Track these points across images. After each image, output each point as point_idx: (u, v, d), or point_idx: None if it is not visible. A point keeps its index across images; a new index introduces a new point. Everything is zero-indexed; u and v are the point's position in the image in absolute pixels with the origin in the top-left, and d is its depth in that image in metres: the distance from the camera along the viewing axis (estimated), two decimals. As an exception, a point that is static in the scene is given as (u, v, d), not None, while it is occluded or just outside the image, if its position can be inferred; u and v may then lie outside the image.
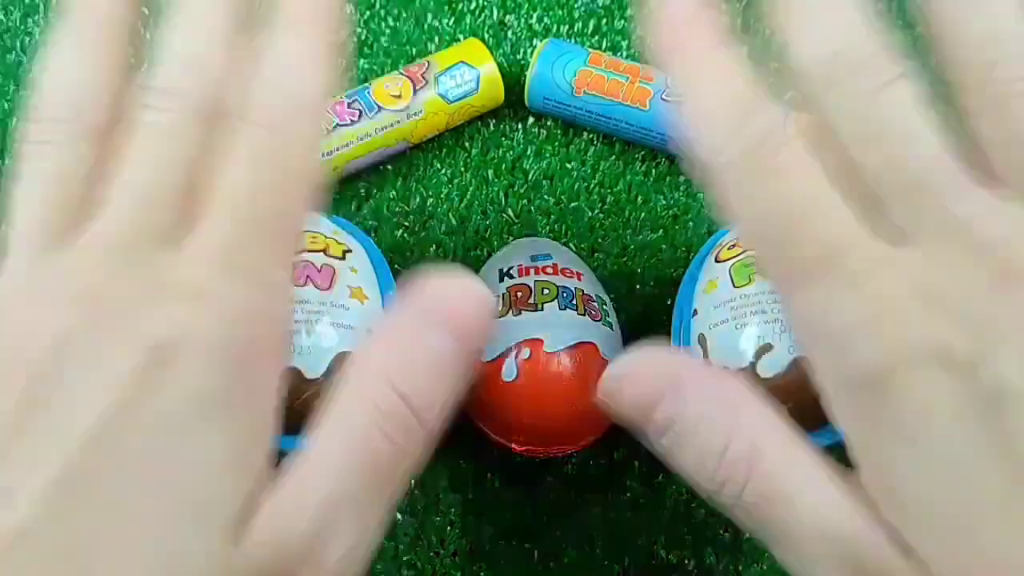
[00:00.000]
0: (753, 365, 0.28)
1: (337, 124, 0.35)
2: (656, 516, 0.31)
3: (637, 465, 0.32)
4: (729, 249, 0.31)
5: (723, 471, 0.18)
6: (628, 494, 0.31)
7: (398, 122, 0.36)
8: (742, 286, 0.29)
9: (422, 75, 0.36)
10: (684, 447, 0.18)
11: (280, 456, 0.32)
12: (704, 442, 0.18)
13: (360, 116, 0.35)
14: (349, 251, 0.31)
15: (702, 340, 0.30)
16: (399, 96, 0.36)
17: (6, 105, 0.39)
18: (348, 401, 0.17)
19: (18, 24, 0.41)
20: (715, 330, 0.29)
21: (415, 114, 0.36)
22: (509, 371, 0.28)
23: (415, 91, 0.36)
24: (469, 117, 0.38)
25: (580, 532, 0.31)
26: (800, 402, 0.28)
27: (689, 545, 0.31)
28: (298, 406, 0.28)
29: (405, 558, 0.30)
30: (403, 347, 0.17)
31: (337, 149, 0.35)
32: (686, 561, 0.30)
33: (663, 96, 0.36)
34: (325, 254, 0.30)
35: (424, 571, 0.30)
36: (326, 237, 0.31)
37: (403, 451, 0.17)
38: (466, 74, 0.37)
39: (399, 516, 0.31)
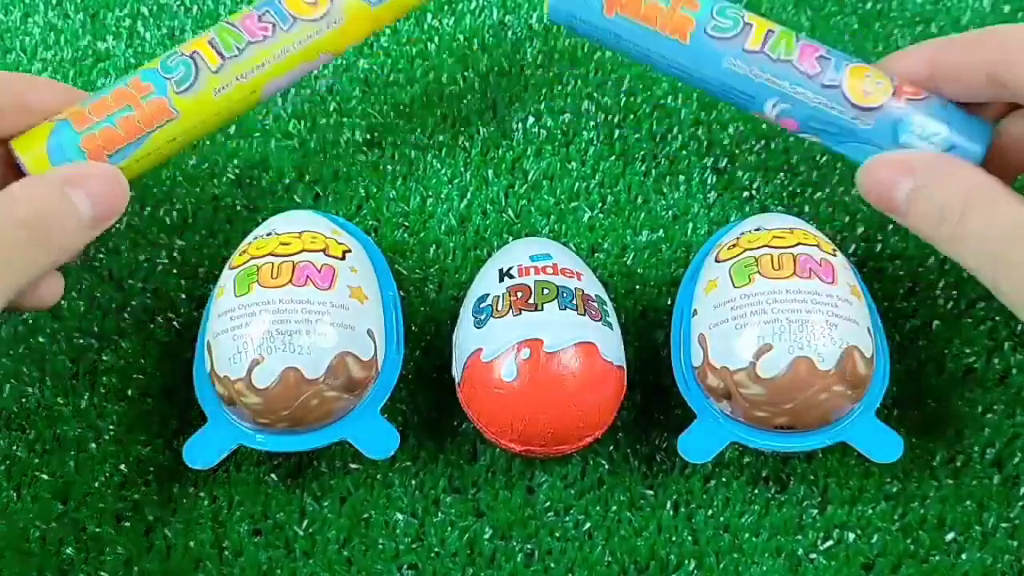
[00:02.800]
0: (753, 365, 0.28)
1: (248, 42, 0.30)
2: (656, 516, 0.31)
3: (637, 465, 0.32)
4: (729, 249, 0.31)
5: (947, 212, 0.26)
6: (628, 494, 0.31)
7: (317, 33, 0.31)
8: (742, 286, 0.29)
9: None
10: (917, 208, 0.27)
11: (286, 456, 0.32)
12: (932, 201, 0.26)
13: (273, 30, 0.30)
14: (349, 251, 0.31)
15: (702, 340, 0.30)
16: (315, 3, 0.31)
17: (6, 105, 0.39)
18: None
19: (18, 24, 0.41)
20: (715, 330, 0.29)
21: (335, 22, 0.31)
22: (509, 371, 0.28)
23: None
24: (398, 16, 0.33)
25: (580, 533, 0.31)
26: (800, 402, 0.28)
27: (689, 545, 0.31)
28: (299, 406, 0.28)
29: (405, 558, 0.30)
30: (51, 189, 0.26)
31: (253, 70, 0.30)
32: (686, 561, 0.30)
33: (707, 30, 0.30)
34: (325, 254, 0.30)
35: (424, 571, 0.30)
36: (326, 237, 0.31)
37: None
38: None
39: (399, 516, 0.31)
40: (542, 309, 0.29)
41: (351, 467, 0.32)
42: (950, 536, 0.30)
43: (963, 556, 0.30)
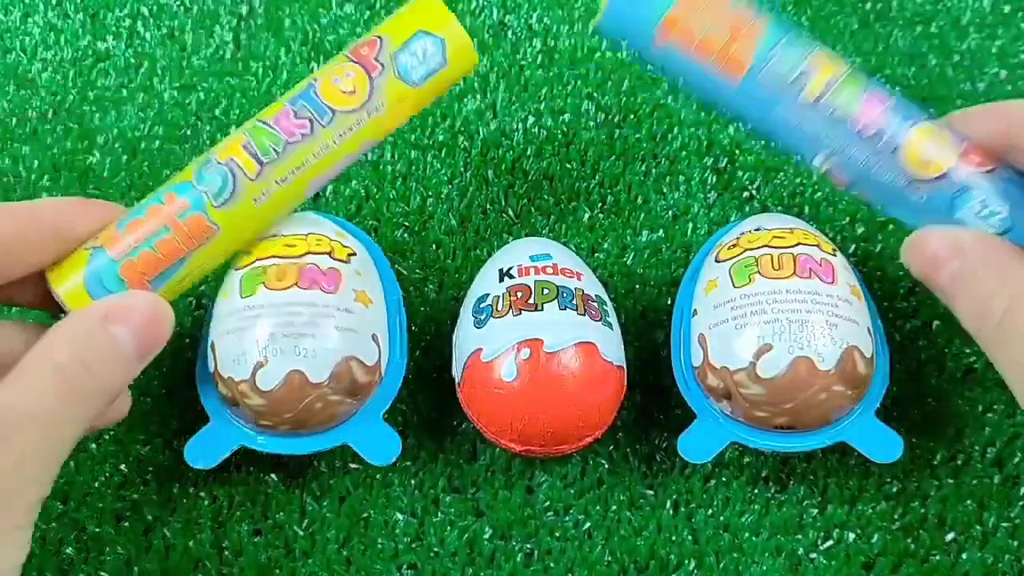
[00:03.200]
0: (753, 365, 0.28)
1: (287, 143, 0.27)
2: (656, 516, 0.31)
3: (637, 465, 0.32)
4: (729, 249, 0.31)
5: (992, 308, 0.24)
6: (628, 494, 0.31)
7: (358, 123, 0.28)
8: (742, 286, 0.29)
9: (375, 59, 0.28)
10: (962, 293, 0.25)
11: (289, 458, 0.32)
12: (978, 287, 0.24)
13: (311, 126, 0.28)
14: (354, 254, 0.31)
15: (702, 340, 0.30)
16: (353, 92, 0.28)
17: (6, 105, 0.39)
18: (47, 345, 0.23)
19: (18, 24, 0.42)
20: (715, 330, 0.29)
21: (376, 109, 0.28)
22: (509, 371, 0.28)
23: (371, 80, 0.28)
24: (440, 95, 0.30)
25: (580, 532, 0.31)
26: (800, 402, 0.28)
27: (689, 544, 0.31)
28: (302, 409, 0.28)
29: (405, 558, 0.30)
30: (88, 329, 0.24)
31: (293, 172, 0.28)
32: (686, 561, 0.30)
33: (761, 73, 0.26)
34: (331, 256, 0.30)
35: (423, 571, 0.30)
36: (331, 239, 0.30)
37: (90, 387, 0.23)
38: (428, 46, 0.29)
39: (398, 516, 0.31)
40: (542, 309, 0.29)
41: (351, 467, 0.32)
42: (950, 536, 0.30)
43: (963, 556, 0.30)
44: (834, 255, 0.30)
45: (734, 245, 0.31)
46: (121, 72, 0.40)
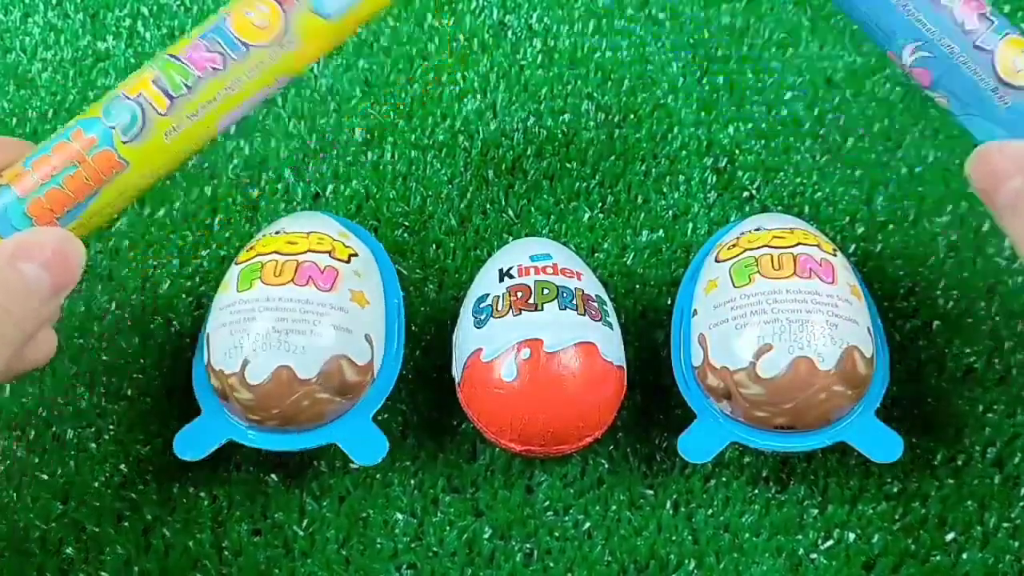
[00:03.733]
0: (753, 365, 0.28)
1: (198, 77, 0.27)
2: (656, 516, 0.31)
3: (637, 465, 0.32)
4: (729, 249, 0.31)
5: None
6: (628, 494, 0.31)
7: (271, 59, 0.27)
8: (742, 286, 0.29)
9: None
10: (1018, 212, 0.24)
11: (285, 456, 0.32)
12: None
13: (224, 61, 0.27)
14: (355, 255, 0.31)
15: (702, 340, 0.30)
16: (266, 26, 0.27)
17: (6, 105, 0.39)
18: None
19: (18, 24, 0.42)
20: (715, 330, 0.29)
21: (290, 43, 0.27)
22: (509, 371, 0.28)
23: (284, 14, 0.27)
24: (357, 29, 0.29)
25: (580, 532, 0.31)
26: (800, 402, 0.28)
27: (689, 544, 0.31)
28: (290, 405, 0.28)
29: (404, 558, 0.30)
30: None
31: (205, 106, 0.27)
32: (686, 560, 0.30)
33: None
34: (330, 255, 0.30)
35: (423, 570, 0.30)
36: (333, 239, 0.31)
37: None
38: None
39: (398, 516, 0.31)
40: (542, 309, 0.29)
41: (350, 467, 0.32)
42: (951, 536, 0.30)
43: (964, 556, 0.30)
44: (834, 255, 0.30)
45: (734, 245, 0.31)
46: (121, 72, 0.40)
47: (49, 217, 0.26)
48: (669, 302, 0.35)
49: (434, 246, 0.36)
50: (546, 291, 0.30)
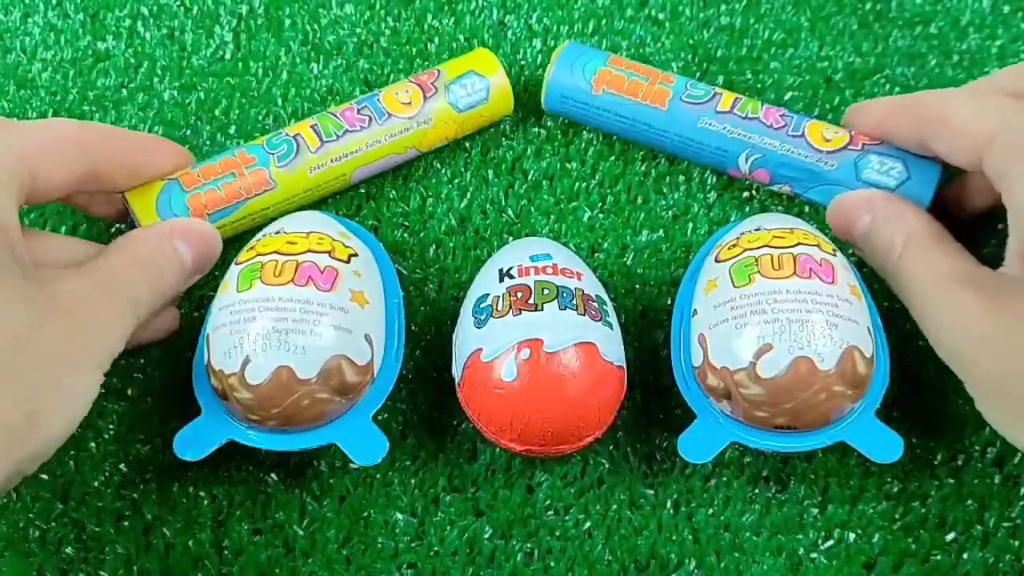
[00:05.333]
0: (753, 365, 0.28)
1: (346, 130, 0.34)
2: (656, 515, 0.31)
3: (637, 465, 0.32)
4: (729, 249, 0.31)
5: (895, 244, 0.30)
6: (628, 494, 0.31)
7: (407, 129, 0.35)
8: (742, 286, 0.29)
9: (432, 83, 0.36)
10: (873, 237, 0.31)
11: (278, 455, 0.32)
12: (882, 232, 0.31)
13: (369, 122, 0.35)
14: (355, 255, 0.31)
15: (702, 340, 0.30)
16: (409, 104, 0.35)
17: (6, 105, 0.39)
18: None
19: (18, 24, 0.42)
20: (715, 330, 0.29)
21: (424, 122, 0.35)
22: (509, 371, 0.28)
23: (425, 99, 0.35)
24: (479, 127, 0.37)
25: (580, 532, 0.31)
26: (800, 402, 0.28)
27: (689, 544, 0.31)
28: (289, 405, 0.28)
29: (405, 557, 0.30)
30: (160, 237, 0.30)
31: (346, 155, 0.34)
32: (686, 560, 0.30)
33: (682, 98, 0.35)
34: (330, 256, 0.30)
35: (423, 570, 0.30)
36: (333, 239, 0.31)
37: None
38: (476, 83, 0.36)
39: (398, 516, 0.31)
40: (542, 309, 0.29)
41: (350, 467, 0.32)
42: (951, 536, 0.30)
43: (964, 556, 0.30)
44: (834, 255, 0.30)
45: (734, 245, 0.31)
46: (121, 72, 0.40)
47: (202, 211, 0.33)
48: (669, 302, 0.35)
49: (434, 246, 0.36)
50: (546, 291, 0.30)
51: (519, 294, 0.30)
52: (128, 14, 0.42)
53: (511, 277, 0.31)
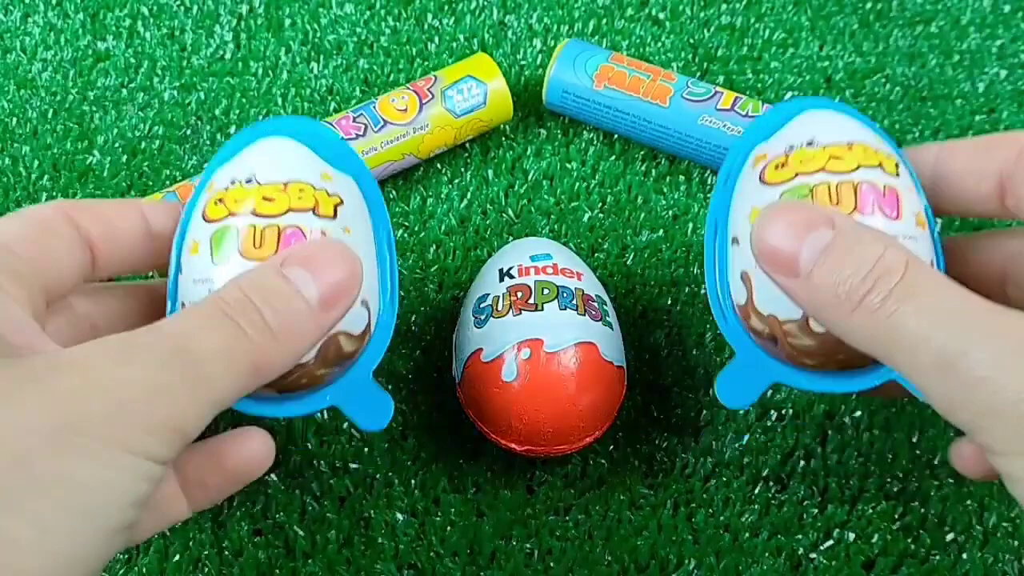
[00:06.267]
0: (806, 318, 0.24)
1: (341, 139, 0.31)
2: (656, 516, 0.31)
3: (637, 465, 0.32)
4: (778, 169, 0.25)
5: (875, 275, 0.20)
6: (628, 494, 0.31)
7: (404, 136, 0.35)
8: None
9: (429, 89, 0.36)
10: (831, 268, 0.21)
11: (285, 456, 0.32)
12: (856, 256, 0.21)
13: (365, 130, 0.35)
14: (340, 203, 0.26)
15: (746, 279, 0.25)
16: (405, 110, 0.35)
17: (6, 105, 0.39)
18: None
19: (18, 24, 0.41)
20: (762, 271, 0.24)
21: (421, 128, 0.35)
22: (509, 371, 0.28)
23: (421, 105, 0.36)
24: (478, 132, 0.37)
25: (580, 532, 0.31)
26: (853, 353, 0.24)
27: (689, 545, 0.31)
28: (287, 385, 0.26)
29: (405, 558, 0.30)
30: (261, 274, 0.22)
31: None
32: (686, 560, 0.30)
33: (683, 95, 0.35)
34: (315, 213, 0.25)
35: (424, 571, 0.30)
36: (315, 188, 0.26)
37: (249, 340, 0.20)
38: (473, 88, 0.36)
39: (399, 516, 0.31)
40: (542, 309, 0.29)
41: (351, 467, 0.32)
42: (951, 536, 0.30)
43: (964, 556, 0.30)
44: (897, 174, 0.25)
45: (783, 165, 0.25)
46: (121, 72, 0.40)
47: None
48: (669, 302, 0.35)
49: (434, 246, 0.36)
50: (546, 291, 0.30)
51: (519, 294, 0.30)
52: (128, 14, 0.42)
53: (511, 277, 0.31)
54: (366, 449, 0.32)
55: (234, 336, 0.20)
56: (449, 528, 0.31)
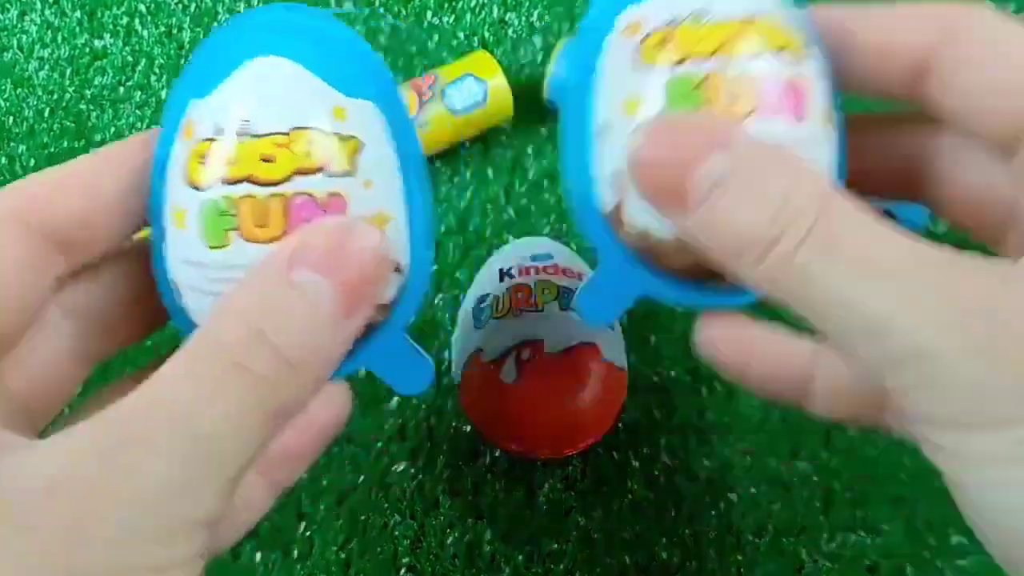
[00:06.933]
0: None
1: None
2: (656, 516, 0.31)
3: (637, 466, 0.32)
4: (660, 47, 0.20)
5: (785, 216, 0.16)
6: (628, 495, 0.31)
7: None
8: None
9: (428, 88, 0.36)
10: (730, 206, 0.17)
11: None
12: (760, 191, 0.16)
13: None
14: (361, 143, 0.20)
15: (620, 183, 0.20)
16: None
17: (3, 103, 0.39)
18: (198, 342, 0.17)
19: (15, 22, 0.41)
20: None
21: (421, 126, 0.35)
22: (509, 372, 0.28)
23: (421, 104, 0.35)
24: (478, 130, 0.37)
25: (580, 533, 0.31)
26: None
27: (690, 545, 0.30)
28: None
29: (405, 560, 0.30)
30: (266, 287, 0.17)
31: None
32: (688, 562, 0.30)
33: None
34: (326, 174, 0.20)
35: (424, 572, 0.30)
36: (325, 134, 0.20)
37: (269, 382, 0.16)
38: (473, 87, 0.36)
39: (398, 518, 0.31)
40: (543, 309, 0.29)
41: (349, 468, 0.32)
42: (955, 539, 0.30)
43: (968, 559, 0.30)
44: (804, 58, 0.20)
45: (667, 40, 0.20)
46: (118, 70, 0.40)
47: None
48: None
49: (434, 246, 0.36)
50: (547, 291, 0.30)
51: (520, 294, 0.30)
52: (125, 12, 0.42)
53: (511, 277, 0.30)
54: (364, 450, 0.32)
55: (247, 388, 0.16)
56: (448, 530, 0.31)
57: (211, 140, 0.20)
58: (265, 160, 0.20)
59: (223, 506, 0.16)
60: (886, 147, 0.22)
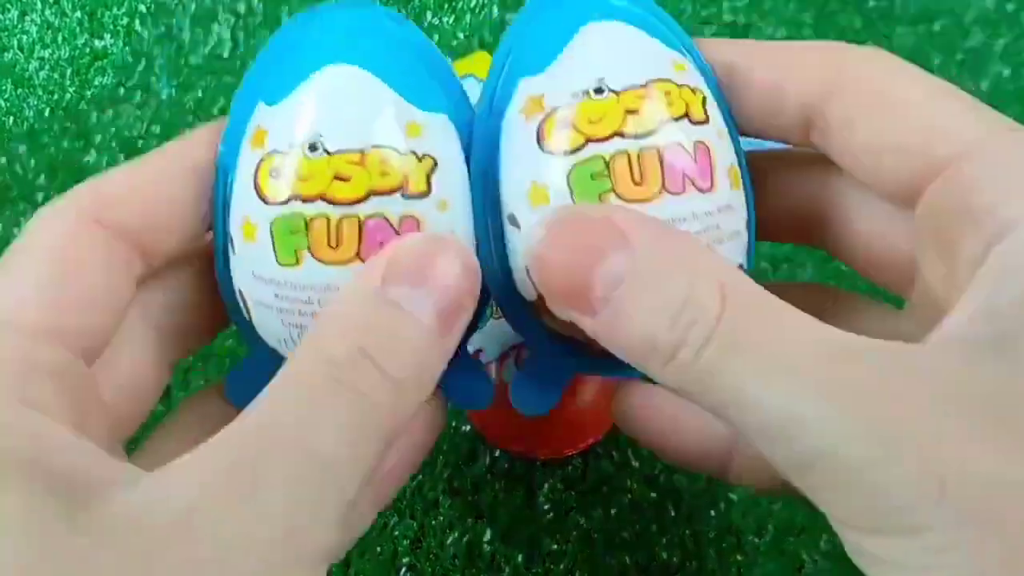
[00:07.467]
0: None
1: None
2: (656, 517, 0.31)
3: (637, 466, 0.32)
4: (562, 131, 0.19)
5: (686, 319, 0.15)
6: (628, 495, 0.31)
7: None
8: None
9: None
10: (632, 309, 0.16)
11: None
12: (660, 293, 0.16)
13: None
14: (435, 164, 0.19)
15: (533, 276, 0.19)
16: None
17: (3, 104, 0.39)
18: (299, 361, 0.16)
19: (15, 22, 0.41)
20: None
21: None
22: (509, 372, 0.28)
23: None
24: None
25: (580, 533, 0.31)
26: None
27: (690, 545, 0.30)
28: None
29: (404, 560, 0.30)
30: (365, 307, 0.17)
31: None
32: (688, 563, 0.30)
33: None
34: (403, 195, 0.19)
35: (424, 572, 0.30)
36: (399, 154, 0.19)
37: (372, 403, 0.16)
38: (473, 87, 0.35)
39: (397, 518, 0.31)
40: (542, 309, 0.29)
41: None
42: (954, 538, 0.30)
43: (967, 558, 0.30)
44: (706, 117, 0.19)
45: (567, 122, 0.19)
46: (119, 71, 0.40)
47: None
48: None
49: (434, 246, 0.36)
50: (547, 291, 0.30)
51: (519, 294, 0.30)
52: (126, 12, 0.42)
53: (511, 277, 0.30)
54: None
55: (359, 411, 0.15)
56: (448, 530, 0.31)
57: (283, 153, 0.19)
58: (339, 179, 0.19)
59: (343, 532, 0.16)
60: (790, 188, 0.21)
